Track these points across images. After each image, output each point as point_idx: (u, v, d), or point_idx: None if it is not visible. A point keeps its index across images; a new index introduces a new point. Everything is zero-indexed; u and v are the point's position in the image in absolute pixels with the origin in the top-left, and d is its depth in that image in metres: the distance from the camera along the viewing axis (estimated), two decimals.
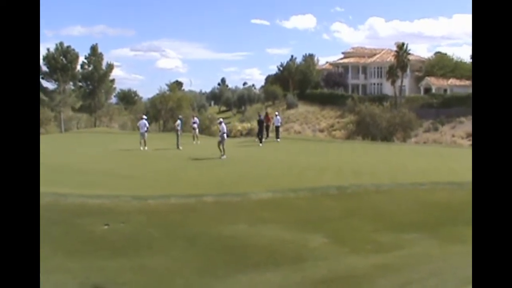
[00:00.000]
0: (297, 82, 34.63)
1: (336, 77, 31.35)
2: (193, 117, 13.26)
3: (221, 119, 10.00)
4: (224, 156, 8.21)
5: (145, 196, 4.61)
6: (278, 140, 11.89)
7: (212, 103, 53.62)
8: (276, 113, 13.11)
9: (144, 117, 10.98)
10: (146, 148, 9.92)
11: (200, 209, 4.30)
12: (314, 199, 4.73)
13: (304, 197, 4.79)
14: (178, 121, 10.46)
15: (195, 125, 12.15)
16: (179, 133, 10.07)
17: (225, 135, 8.54)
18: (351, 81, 31.59)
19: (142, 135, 10.09)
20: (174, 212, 4.17)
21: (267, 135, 13.60)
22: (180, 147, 9.81)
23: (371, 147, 11.38)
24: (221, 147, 8.18)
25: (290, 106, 31.31)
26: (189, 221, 3.98)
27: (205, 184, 5.62)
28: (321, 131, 23.81)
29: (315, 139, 15.31)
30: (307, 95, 32.52)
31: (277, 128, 12.25)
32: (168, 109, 21.08)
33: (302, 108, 30.35)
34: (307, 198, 4.76)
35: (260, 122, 11.34)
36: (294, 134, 22.25)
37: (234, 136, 22.40)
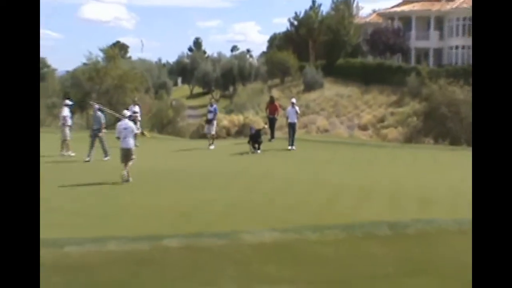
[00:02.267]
0: (323, 46, 34.52)
1: (389, 36, 29.28)
2: (134, 104, 13.39)
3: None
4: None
5: (62, 241, 4.49)
6: (293, 148, 12.30)
7: (180, 80, 56.69)
8: (293, 99, 13.43)
9: (68, 102, 10.66)
10: (70, 153, 10.05)
11: (158, 261, 4.09)
12: (350, 244, 4.60)
13: (334, 240, 4.67)
14: (99, 113, 10.11)
15: (136, 117, 12.59)
16: (101, 134, 9.82)
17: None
18: (415, 43, 29.24)
19: (64, 132, 9.97)
20: (112, 266, 3.99)
21: (272, 136, 14.37)
22: (106, 158, 9.91)
23: (449, 156, 11.46)
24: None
25: (310, 86, 31.33)
26: (137, 283, 3.71)
27: (166, 218, 5.82)
28: (363, 128, 23.88)
29: (353, 142, 15.65)
30: (339, 68, 31.88)
31: (292, 127, 12.53)
32: (102, 91, 19.63)
33: (331, 90, 30.86)
34: (338, 241, 4.64)
35: (253, 137, 12.13)
36: (317, 134, 22.69)
37: (217, 137, 24.81)
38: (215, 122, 12.97)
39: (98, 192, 7.34)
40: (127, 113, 8.13)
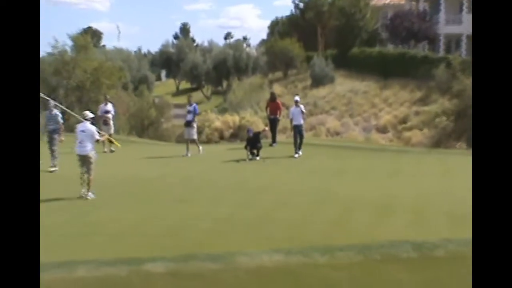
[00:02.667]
0: (334, 33, 34.40)
1: (413, 21, 28.95)
2: (105, 102, 13.51)
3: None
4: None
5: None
6: (298, 154, 12.52)
7: (164, 74, 56.90)
8: (297, 97, 13.53)
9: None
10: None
11: None
12: (366, 268, 4.56)
13: (347, 264, 4.64)
14: (55, 111, 10.06)
15: (108, 118, 12.75)
16: (57, 136, 9.96)
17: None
18: (444, 28, 28.61)
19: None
20: None
21: (274, 140, 14.78)
22: (53, 169, 10.09)
23: None
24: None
25: (318, 81, 31.45)
26: None
27: (147, 237, 5.88)
28: (382, 130, 23.96)
29: (370, 147, 15.72)
30: (353, 58, 32.13)
31: (298, 130, 12.74)
32: (71, 87, 19.67)
33: (343, 85, 31.03)
34: (352, 265, 4.61)
35: (251, 141, 12.36)
36: (327, 137, 22.86)
37: (209, 141, 23.49)
38: (195, 125, 13.06)
39: (65, 207, 7.38)
40: (89, 114, 7.88)
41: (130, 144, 15.79)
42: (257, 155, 12.23)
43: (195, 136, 13.18)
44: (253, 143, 12.20)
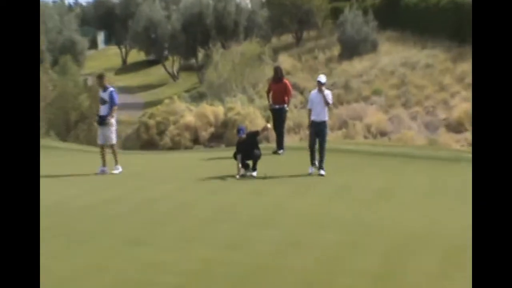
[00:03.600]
0: None
1: None
2: None
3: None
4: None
5: None
6: (321, 170, 12.56)
7: (101, 38, 56.40)
8: (321, 77, 13.10)
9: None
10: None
11: None
12: None
13: None
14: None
15: None
16: None
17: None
18: None
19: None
20: None
21: (280, 146, 15.34)
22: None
23: None
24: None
25: (351, 47, 32.36)
26: None
27: None
28: (455, 128, 23.88)
29: (436, 155, 15.85)
30: (408, 12, 32.98)
31: (319, 129, 12.76)
32: None
33: (393, 55, 31.75)
34: None
35: (243, 146, 12.44)
36: (366, 139, 23.12)
37: (176, 146, 25.01)
38: (113, 121, 12.99)
39: None
40: None
41: (49, 151, 15.77)
42: (254, 168, 12.34)
43: (114, 140, 13.03)
44: (247, 149, 12.29)
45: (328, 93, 12.35)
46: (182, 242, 7.80)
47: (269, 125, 13.56)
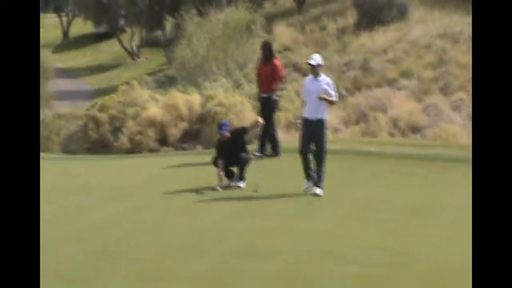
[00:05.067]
0: None
1: None
2: None
3: None
4: None
5: None
6: (317, 189, 12.23)
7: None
8: (315, 58, 12.39)
9: None
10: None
11: None
12: None
13: None
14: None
15: None
16: None
17: None
18: None
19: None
20: None
21: (275, 150, 15.43)
22: None
23: None
24: None
25: (372, 14, 33.13)
26: None
27: None
28: None
29: None
30: None
31: (313, 130, 12.36)
32: None
33: (427, 24, 32.08)
34: None
35: (226, 146, 12.50)
36: (393, 137, 23.21)
37: (136, 149, 24.87)
38: None
39: None
40: None
41: None
42: (241, 177, 12.43)
43: None
44: (232, 152, 12.32)
45: (327, 82, 11.90)
46: (140, 281, 7.71)
47: (260, 121, 13.41)
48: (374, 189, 12.40)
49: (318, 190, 11.85)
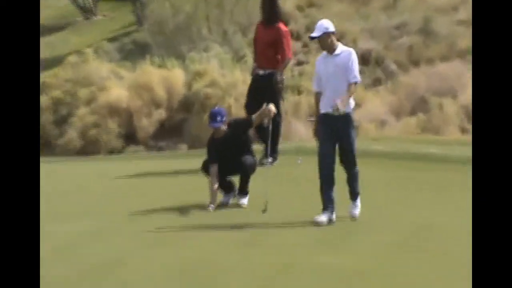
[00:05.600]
0: None
1: None
2: None
3: None
4: None
5: None
6: (354, 211, 12.46)
7: None
8: (319, 26, 12.77)
9: None
10: None
11: None
12: None
13: None
14: None
15: None
16: None
17: None
18: None
19: None
20: None
21: (273, 149, 15.53)
22: None
23: None
24: None
25: None
26: None
27: None
28: None
29: None
30: None
31: (339, 126, 12.37)
32: None
33: None
34: None
35: (222, 145, 12.68)
36: (465, 134, 22.87)
37: (92, 148, 25.36)
38: None
39: None
40: None
41: None
42: (242, 191, 12.59)
43: None
44: (230, 154, 12.46)
45: (349, 55, 11.85)
46: None
47: (273, 108, 13.44)
48: (433, 210, 12.42)
49: (355, 211, 12.00)
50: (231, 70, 24.29)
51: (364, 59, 25.79)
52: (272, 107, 12.92)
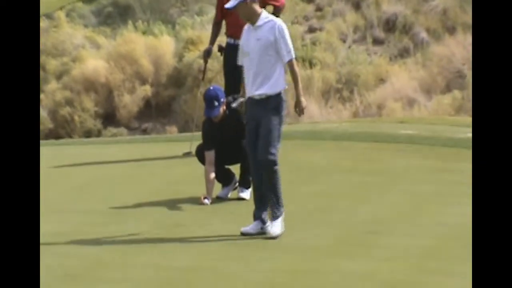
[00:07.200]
0: None
1: None
2: None
3: None
4: None
5: None
6: (274, 232, 12.19)
7: None
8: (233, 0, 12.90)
9: None
10: None
11: None
12: None
13: None
14: None
15: None
16: None
17: None
18: None
19: None
20: None
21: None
22: None
23: None
24: None
25: None
26: None
27: None
28: None
29: None
30: None
31: (261, 112, 12.24)
32: None
33: None
34: None
35: (214, 130, 12.79)
36: None
37: (59, 129, 26.43)
38: None
39: None
40: None
41: None
42: (245, 182, 12.57)
43: None
44: (229, 140, 12.56)
45: (274, 26, 11.64)
46: None
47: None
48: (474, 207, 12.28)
49: (274, 229, 11.30)
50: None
51: (388, 26, 26.02)
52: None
